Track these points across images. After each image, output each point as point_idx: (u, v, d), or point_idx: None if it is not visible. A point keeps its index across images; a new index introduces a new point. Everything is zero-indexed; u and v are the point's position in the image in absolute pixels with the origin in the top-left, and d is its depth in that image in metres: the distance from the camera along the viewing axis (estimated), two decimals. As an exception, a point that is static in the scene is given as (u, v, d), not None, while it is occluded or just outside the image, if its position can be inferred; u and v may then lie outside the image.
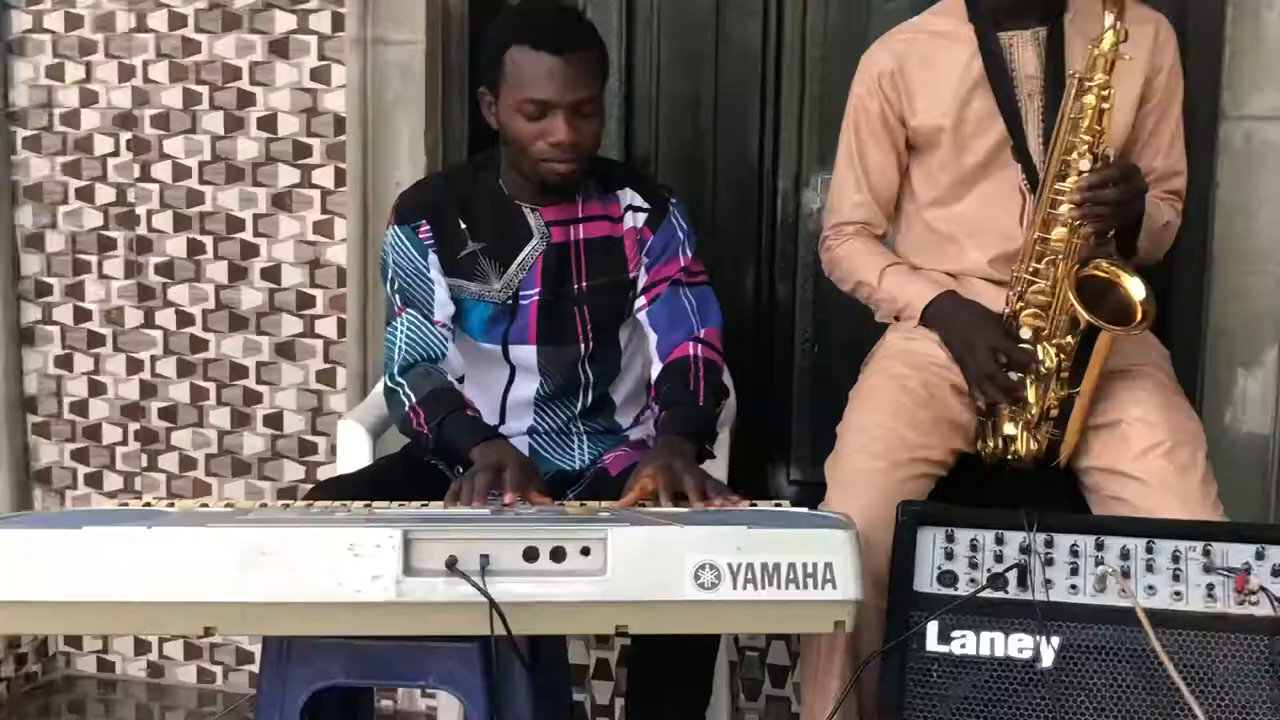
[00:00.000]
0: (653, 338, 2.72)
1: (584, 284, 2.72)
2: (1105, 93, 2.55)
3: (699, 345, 2.68)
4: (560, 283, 2.71)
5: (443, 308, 2.67)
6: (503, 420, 2.76)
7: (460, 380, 2.66)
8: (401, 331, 2.67)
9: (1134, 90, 2.70)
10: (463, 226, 2.69)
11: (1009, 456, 2.69)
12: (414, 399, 2.58)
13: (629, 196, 2.74)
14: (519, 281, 2.70)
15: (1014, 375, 2.64)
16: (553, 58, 2.53)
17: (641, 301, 2.74)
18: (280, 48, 3.54)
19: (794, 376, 3.57)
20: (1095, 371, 2.62)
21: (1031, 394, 2.65)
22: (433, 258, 2.68)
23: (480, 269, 2.69)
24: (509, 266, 2.69)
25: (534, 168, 2.60)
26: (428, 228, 2.68)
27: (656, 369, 2.70)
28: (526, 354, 2.72)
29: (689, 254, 2.75)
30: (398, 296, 2.69)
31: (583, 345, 2.73)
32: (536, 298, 2.70)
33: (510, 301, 2.70)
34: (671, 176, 3.48)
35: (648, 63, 3.52)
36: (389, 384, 2.65)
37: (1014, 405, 2.65)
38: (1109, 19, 2.54)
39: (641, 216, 2.73)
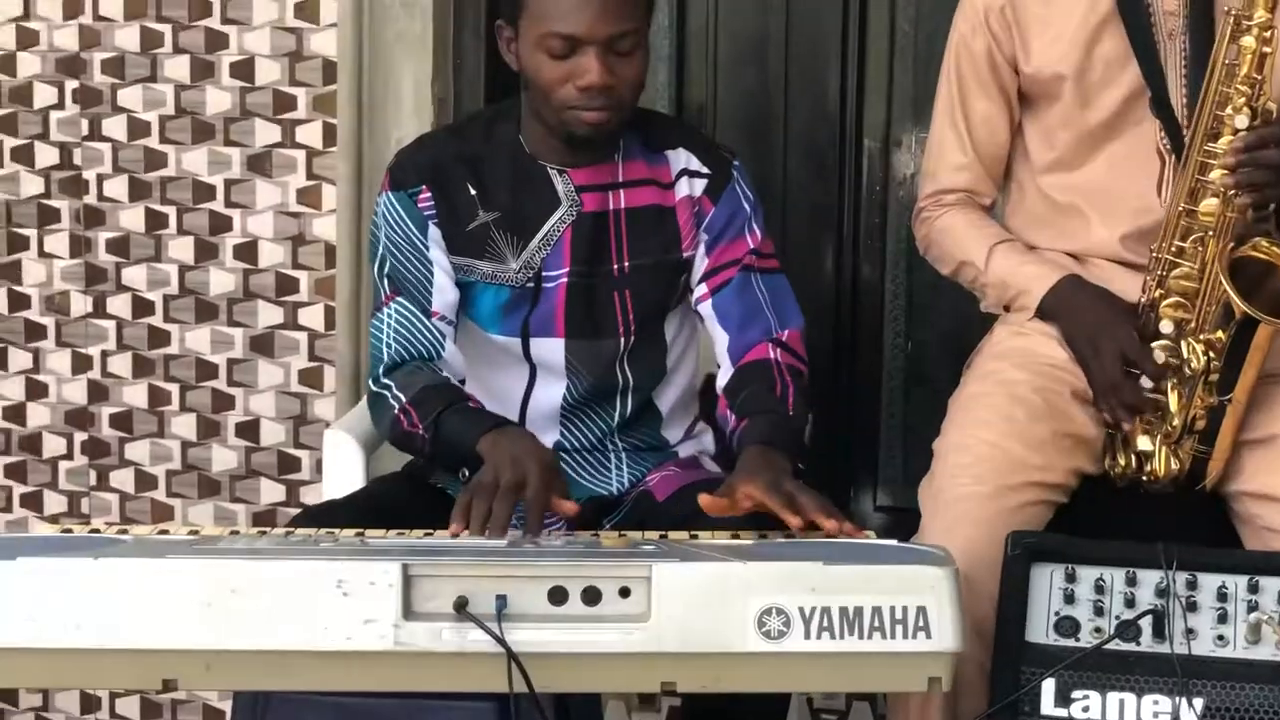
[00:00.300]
0: (722, 337, 2.72)
1: (625, 263, 2.72)
2: (1268, 34, 2.54)
3: (779, 349, 2.69)
4: (596, 261, 2.71)
5: (442, 295, 2.68)
6: (522, 436, 2.78)
7: (462, 383, 2.67)
8: (389, 324, 2.68)
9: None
10: (472, 192, 2.70)
11: (1144, 478, 2.68)
12: (404, 398, 2.59)
13: (683, 158, 2.75)
14: (542, 259, 2.70)
15: (1145, 386, 2.64)
16: None
17: (703, 290, 2.74)
18: (258, -22, 3.57)
19: (883, 380, 3.58)
20: (1251, 375, 2.62)
21: (1173, 401, 2.64)
22: (434, 232, 2.69)
23: (493, 245, 2.70)
24: (529, 241, 2.70)
25: (559, 117, 2.60)
26: (428, 195, 2.69)
27: (726, 374, 2.70)
28: (552, 349, 2.73)
29: (758, 231, 2.75)
30: (386, 281, 2.70)
31: (622, 339, 2.74)
32: (565, 279, 2.71)
33: (531, 284, 2.71)
34: (732, 133, 3.49)
35: (705, -7, 3.54)
36: (373, 387, 2.66)
37: (1144, 421, 2.65)
38: (1274, -56, 2.53)
39: (699, 184, 2.74)
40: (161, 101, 3.64)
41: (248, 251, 3.64)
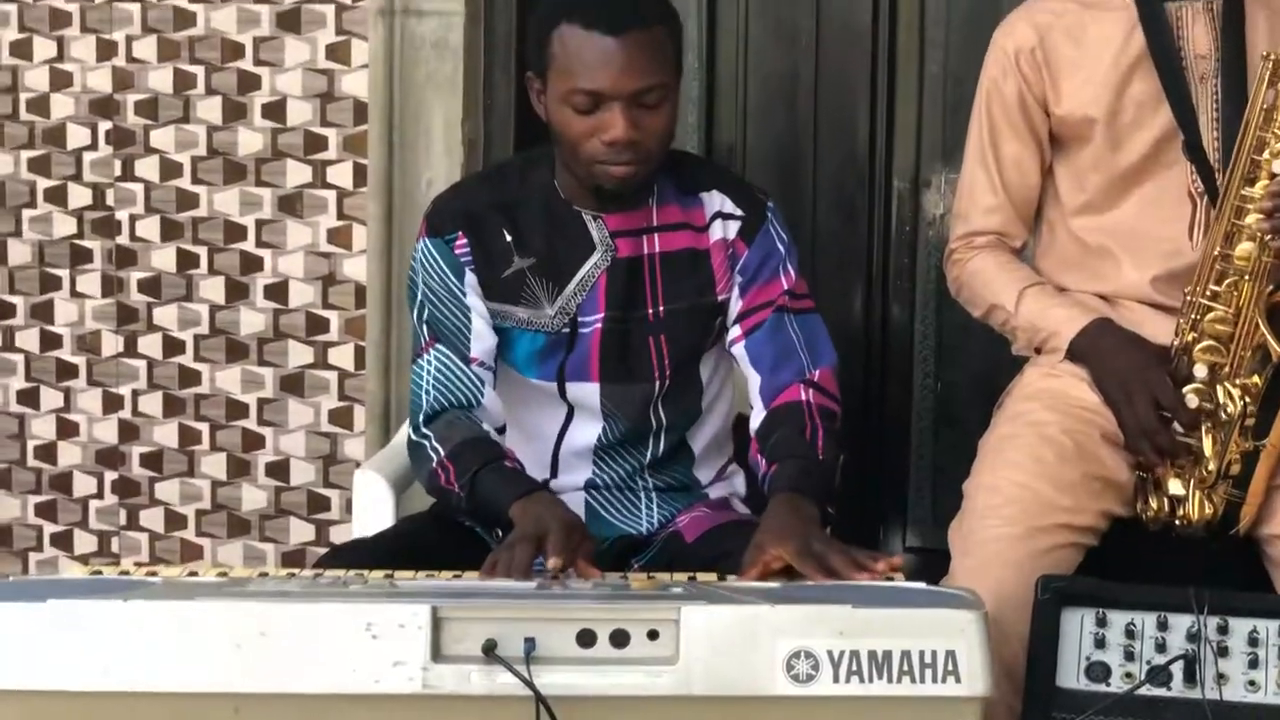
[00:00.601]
0: (755, 379, 2.71)
1: (661, 308, 2.72)
2: None
3: (811, 390, 2.68)
4: (630, 306, 2.71)
5: (480, 342, 2.69)
6: (555, 473, 2.78)
7: (500, 431, 2.68)
8: (429, 372, 2.68)
9: (1331, 74, 2.69)
10: (508, 239, 2.71)
11: (1176, 522, 2.67)
12: (443, 452, 2.59)
13: (717, 201, 2.75)
14: (578, 305, 2.70)
15: (1178, 431, 2.63)
16: (607, 38, 2.53)
17: (737, 332, 2.74)
18: (290, 20, 3.59)
19: (912, 420, 3.57)
20: (1288, 419, 2.62)
21: (1208, 446, 2.64)
22: (470, 278, 2.69)
23: (529, 291, 2.71)
24: (565, 287, 2.71)
25: (586, 170, 2.61)
26: (465, 241, 2.70)
27: (759, 416, 2.70)
28: (588, 393, 2.73)
29: (792, 272, 2.75)
30: (425, 328, 2.71)
31: (658, 383, 2.74)
32: (600, 324, 2.71)
33: (567, 329, 2.71)
34: (761, 175, 3.50)
35: (734, 37, 3.55)
36: (413, 436, 2.67)
37: (1176, 464, 2.64)
38: (1315, -11, 2.54)
39: (733, 226, 2.74)
40: (194, 142, 3.67)
41: (278, 291, 3.66)
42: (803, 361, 2.70)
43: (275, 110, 3.61)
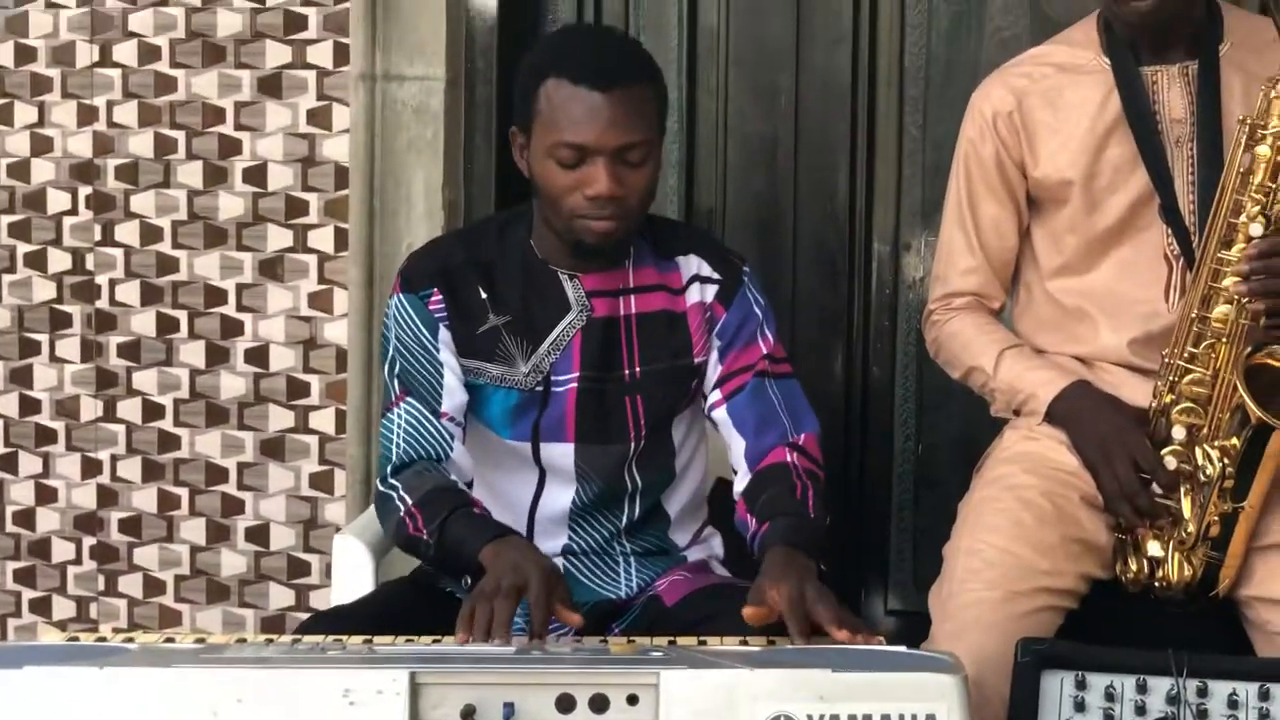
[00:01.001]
0: (739, 443, 2.72)
1: (637, 369, 2.74)
2: None
3: (795, 453, 2.69)
4: (606, 366, 2.73)
5: (451, 397, 2.70)
6: (530, 538, 2.77)
7: (469, 485, 2.68)
8: (399, 425, 2.69)
9: (1302, 139, 2.72)
10: (483, 296, 2.72)
11: (1155, 584, 2.68)
12: (410, 501, 2.59)
13: (694, 264, 2.77)
14: (551, 364, 2.72)
15: (1157, 493, 2.64)
16: (593, 94, 2.56)
17: (717, 396, 2.75)
18: (271, 85, 3.61)
19: (893, 482, 3.58)
20: (1265, 481, 2.63)
21: (1187, 508, 2.65)
22: (444, 334, 2.71)
23: (503, 348, 2.72)
24: (539, 345, 2.72)
25: (568, 225, 2.63)
26: (440, 297, 2.71)
27: (745, 479, 2.71)
28: (562, 454, 2.74)
29: (770, 337, 2.76)
30: (396, 382, 2.72)
31: (632, 444, 2.75)
32: (575, 384, 2.72)
33: (540, 388, 2.72)
34: (742, 236, 3.52)
35: (714, 98, 3.57)
36: (381, 487, 2.67)
37: (1155, 526, 2.65)
38: (1290, 55, 2.56)
39: (710, 289, 2.76)
40: (174, 207, 3.68)
41: (259, 355, 3.66)
42: (785, 425, 2.71)
43: (256, 174, 3.63)
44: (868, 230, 3.53)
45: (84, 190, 3.73)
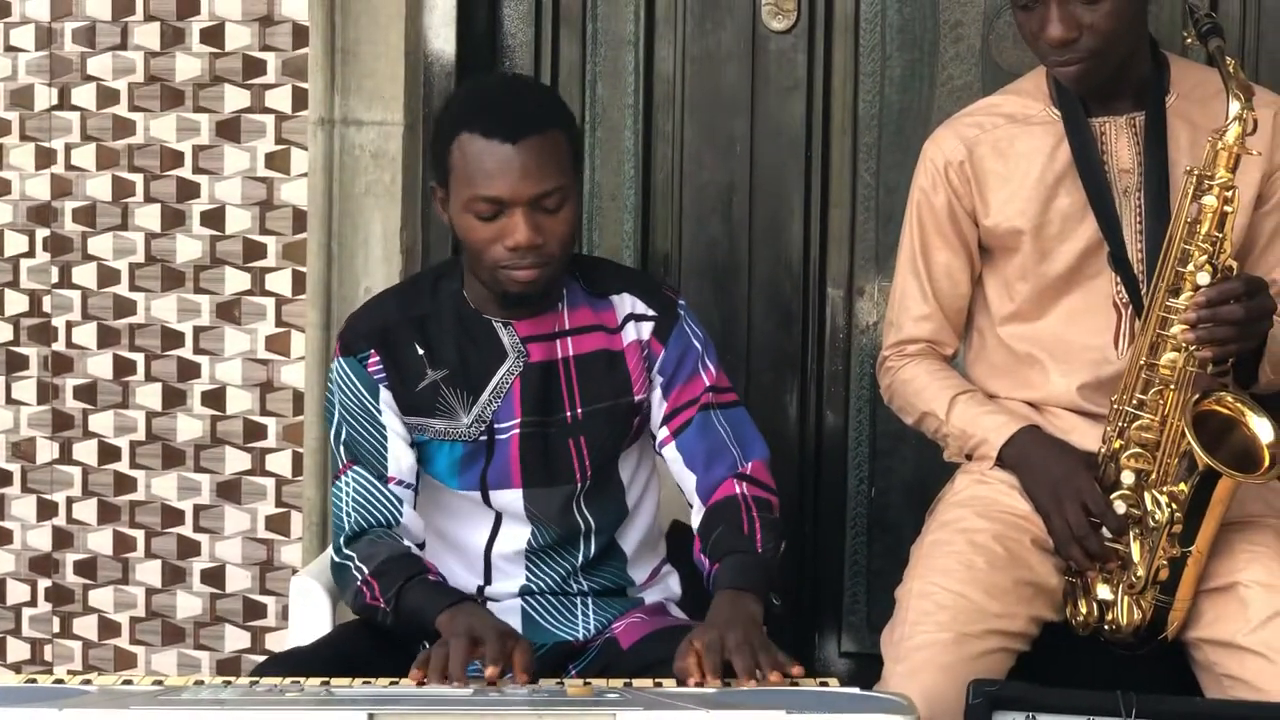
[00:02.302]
0: (689, 479, 2.75)
1: (579, 410, 2.75)
2: (1229, 193, 2.61)
3: (745, 483, 2.71)
4: (548, 410, 2.74)
5: (397, 461, 2.71)
6: (489, 579, 2.79)
7: (420, 546, 2.70)
8: (347, 493, 2.71)
9: (1250, 189, 2.76)
10: (420, 352, 2.73)
11: (1105, 626, 2.71)
12: (366, 570, 2.61)
13: (628, 303, 2.79)
14: (493, 412, 2.73)
15: (1107, 537, 2.67)
16: (505, 145, 2.57)
17: (665, 433, 2.78)
18: (230, 129, 3.63)
19: (846, 525, 3.60)
20: (1212, 526, 2.65)
21: (1136, 552, 2.67)
22: (385, 395, 2.72)
23: (444, 402, 2.73)
24: (480, 395, 2.73)
25: (492, 276, 2.64)
26: (377, 358, 2.72)
27: (699, 514, 2.73)
28: (511, 499, 2.75)
29: (712, 368, 2.79)
30: (342, 450, 2.73)
31: (579, 484, 2.76)
32: (517, 430, 2.74)
33: (484, 437, 2.74)
34: (697, 282, 3.55)
35: (669, 145, 3.59)
36: (336, 559, 2.69)
37: (1104, 570, 2.68)
38: (1235, 107, 2.60)
39: (646, 327, 2.78)
40: (132, 249, 3.68)
41: (215, 398, 3.67)
42: (734, 456, 2.74)
43: (214, 218, 3.64)
44: (821, 275, 3.56)
45: (41, 232, 3.73)
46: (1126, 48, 2.72)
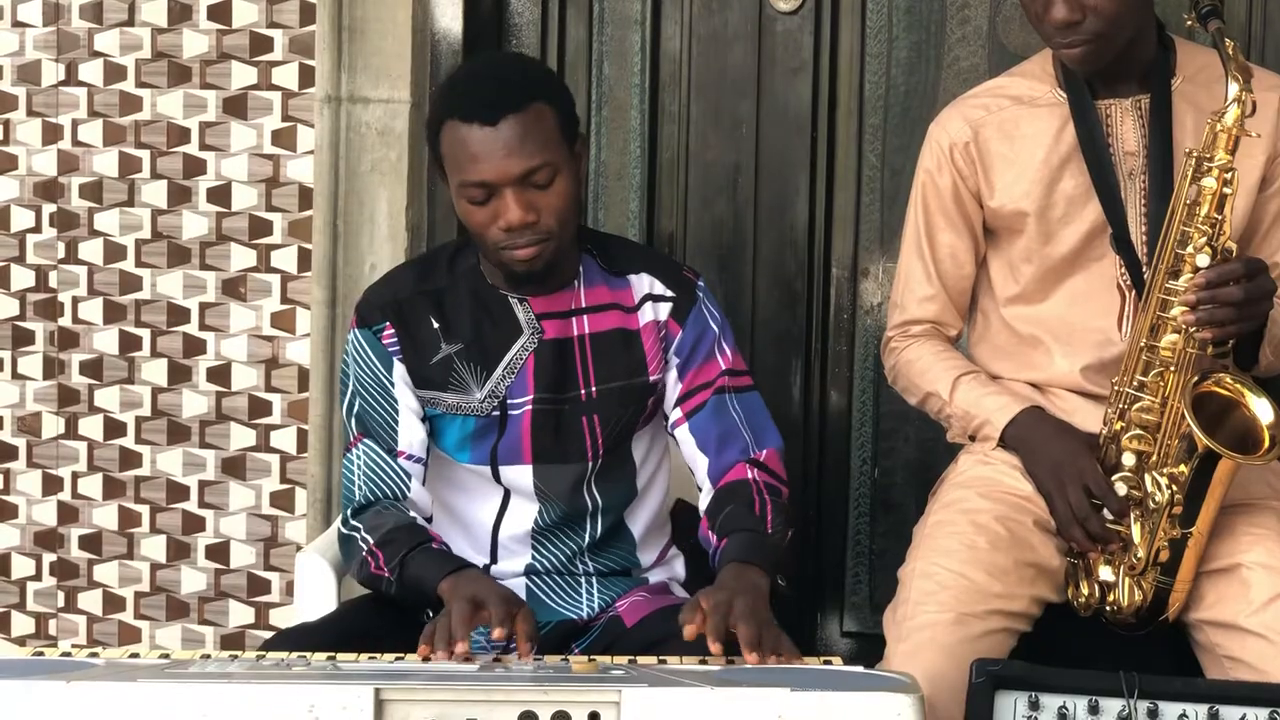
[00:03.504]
0: (701, 462, 2.76)
1: (594, 388, 2.76)
2: (1228, 175, 2.62)
3: (756, 469, 2.72)
4: (561, 387, 2.75)
5: (407, 434, 2.73)
6: (495, 558, 2.80)
7: (428, 520, 2.71)
8: (358, 466, 2.73)
9: (1254, 172, 2.77)
10: (435, 325, 2.74)
11: (1106, 608, 2.72)
12: (372, 540, 2.63)
13: (646, 283, 2.79)
14: (507, 388, 2.74)
15: (1108, 518, 2.68)
16: (485, 129, 2.58)
17: (678, 415, 2.79)
18: (237, 106, 3.63)
19: (849, 506, 3.60)
20: (1213, 508, 2.66)
21: (1137, 533, 2.69)
22: (399, 369, 2.73)
23: (457, 376, 2.74)
24: (493, 371, 2.74)
25: (496, 257, 2.66)
26: (392, 331, 2.74)
27: (708, 496, 2.74)
28: (520, 475, 2.77)
29: (729, 351, 2.79)
30: (354, 422, 2.75)
31: (590, 463, 2.77)
32: (530, 406, 2.75)
33: (497, 412, 2.75)
34: (702, 261, 3.55)
35: (676, 125, 3.60)
36: (343, 529, 2.71)
37: (1106, 551, 2.69)
38: (1234, 89, 2.60)
39: (664, 307, 2.78)
40: (138, 225, 3.69)
41: (221, 374, 3.68)
42: (746, 441, 2.75)
43: (220, 194, 3.65)
44: (826, 256, 3.56)
45: (48, 208, 3.74)
46: (1131, 30, 2.72)
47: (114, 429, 3.75)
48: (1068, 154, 2.80)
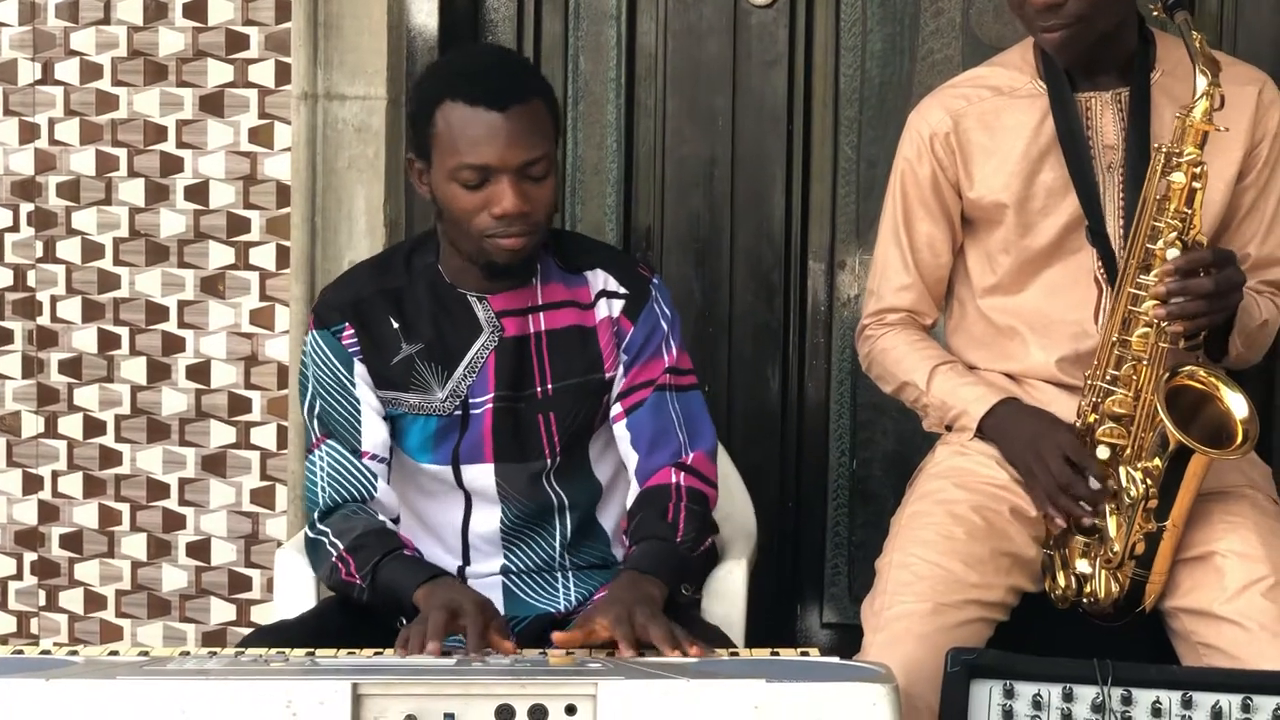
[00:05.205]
0: (632, 459, 2.76)
1: (550, 385, 2.76)
2: (1197, 170, 2.62)
3: (683, 473, 2.72)
4: (519, 385, 2.74)
5: (371, 435, 2.72)
6: (467, 560, 2.81)
7: (395, 522, 2.71)
8: (321, 467, 2.71)
9: (1231, 165, 2.78)
10: (395, 326, 2.73)
11: (1083, 599, 2.73)
12: (342, 546, 2.62)
13: (601, 279, 2.78)
14: (468, 387, 2.73)
15: (1094, 484, 2.69)
16: (492, 113, 2.58)
17: (617, 410, 2.78)
18: (213, 103, 3.63)
19: (827, 497, 3.61)
20: (1187, 501, 2.67)
21: (1113, 527, 2.69)
22: (359, 369, 2.72)
23: (418, 376, 2.73)
24: (454, 370, 2.73)
25: (477, 245, 2.64)
26: (351, 331, 2.73)
27: (633, 496, 2.75)
28: (482, 475, 2.76)
29: (674, 349, 2.79)
30: (316, 423, 2.73)
31: (548, 460, 2.77)
32: (491, 404, 2.74)
33: (459, 412, 2.74)
34: (679, 255, 3.56)
35: (652, 119, 3.60)
36: (310, 533, 2.69)
37: (1091, 531, 2.70)
38: (1202, 82, 2.61)
39: (618, 304, 2.78)
40: (116, 224, 3.69)
41: (200, 372, 3.68)
42: (679, 442, 2.74)
43: (198, 192, 3.65)
44: (803, 248, 3.57)
45: (25, 207, 3.73)
46: (1113, 17, 2.72)
47: (94, 427, 3.75)
48: (1047, 146, 2.80)
